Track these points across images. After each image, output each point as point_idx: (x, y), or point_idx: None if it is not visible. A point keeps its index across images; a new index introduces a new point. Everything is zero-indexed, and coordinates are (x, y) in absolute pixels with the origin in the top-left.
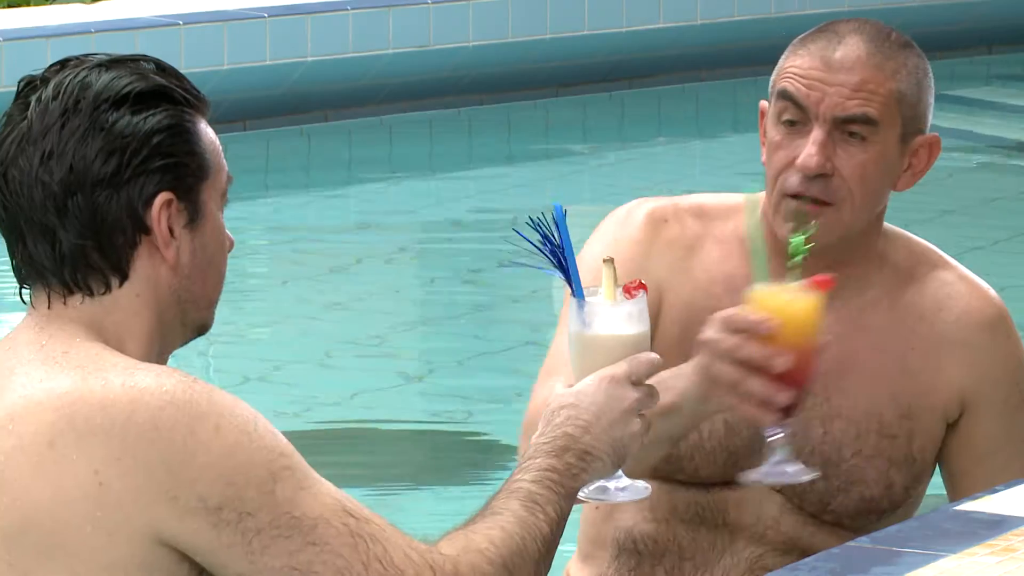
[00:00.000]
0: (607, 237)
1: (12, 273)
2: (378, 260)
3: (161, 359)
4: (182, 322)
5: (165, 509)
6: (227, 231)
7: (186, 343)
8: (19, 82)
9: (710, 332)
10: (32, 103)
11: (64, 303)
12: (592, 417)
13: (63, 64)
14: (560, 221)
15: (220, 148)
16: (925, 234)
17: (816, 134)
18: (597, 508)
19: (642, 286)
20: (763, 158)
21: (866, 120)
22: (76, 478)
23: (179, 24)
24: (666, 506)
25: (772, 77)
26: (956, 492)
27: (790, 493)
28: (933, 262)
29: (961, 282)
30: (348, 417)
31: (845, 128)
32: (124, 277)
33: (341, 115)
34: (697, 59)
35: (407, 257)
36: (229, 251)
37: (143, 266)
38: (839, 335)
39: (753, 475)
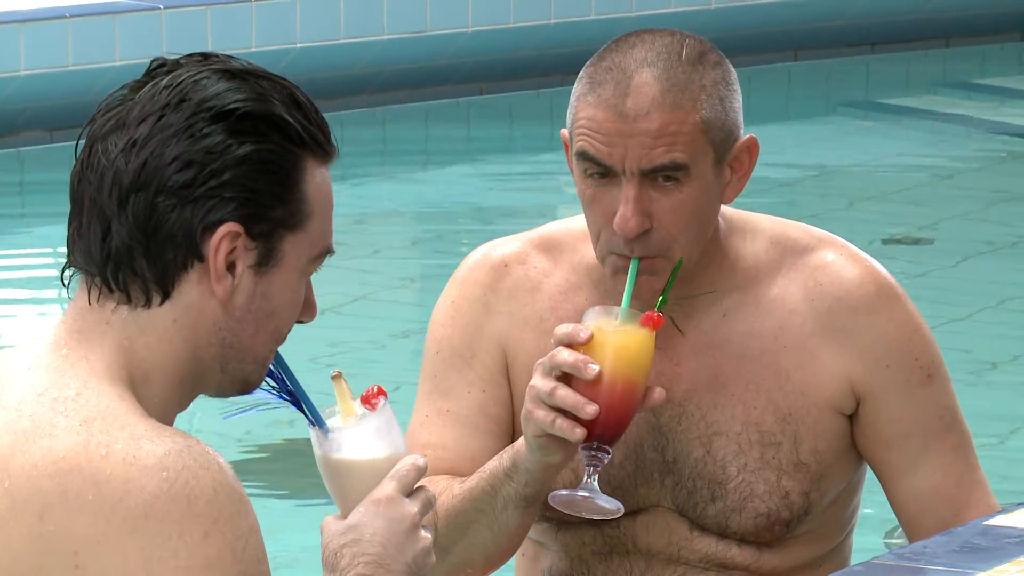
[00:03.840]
0: (447, 301)
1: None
2: (373, 256)
3: (191, 400)
4: (222, 368)
5: None
6: (312, 299)
7: (223, 395)
8: (151, 61)
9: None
10: (148, 86)
11: (102, 306)
12: (380, 548)
13: (204, 56)
14: (277, 356)
15: (328, 210)
16: (955, 230)
17: (627, 190)
18: (523, 555)
19: (381, 392)
20: (578, 191)
21: (675, 167)
22: (57, 557)
23: (159, 8)
24: (575, 542)
25: (568, 116)
26: (883, 481)
27: (692, 515)
28: (803, 248)
29: (835, 264)
30: None
31: (655, 176)
32: (166, 295)
33: (333, 105)
34: None
35: (403, 253)
36: (307, 320)
37: (189, 291)
38: (703, 352)
39: (561, 493)
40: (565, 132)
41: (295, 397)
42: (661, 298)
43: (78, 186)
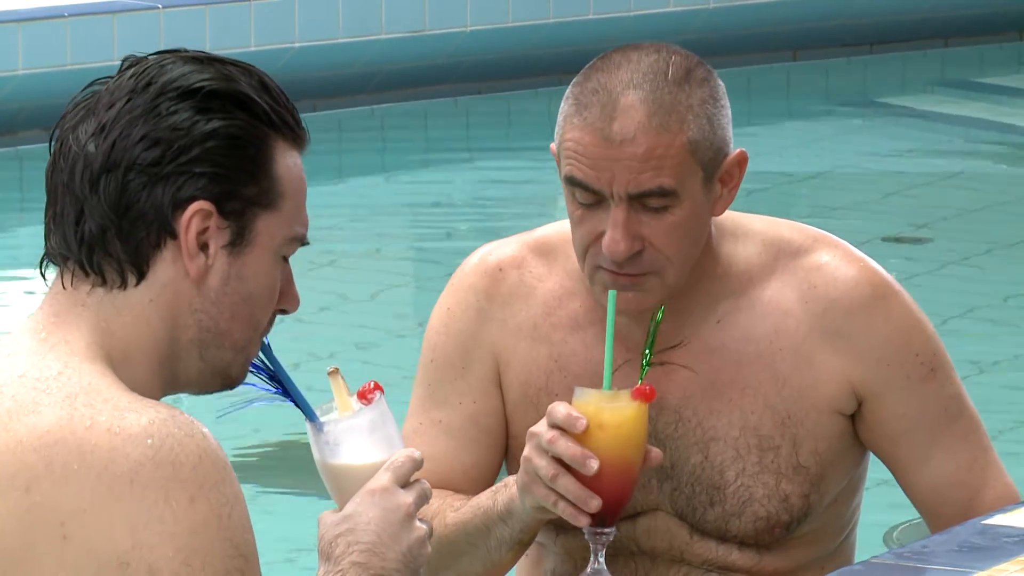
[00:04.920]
0: (443, 308)
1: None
2: (371, 256)
3: (173, 389)
4: (200, 356)
5: (113, 574)
6: (293, 291)
7: (206, 390)
8: (123, 60)
9: (539, 423)
10: (114, 79)
11: (78, 289)
12: (374, 536)
13: (174, 52)
14: (267, 351)
15: (301, 194)
16: (954, 229)
17: (616, 214)
18: (526, 556)
19: (377, 387)
20: (567, 209)
21: (663, 193)
22: (44, 529)
23: (158, 8)
24: (576, 544)
25: (556, 133)
26: (895, 475)
27: (692, 520)
28: (796, 249)
29: (830, 265)
30: None
31: (644, 199)
32: (141, 275)
33: (331, 105)
34: (709, 44)
35: (401, 253)
36: (290, 310)
37: (164, 271)
38: (698, 358)
39: None
40: (554, 147)
41: (288, 392)
42: (645, 361)
43: (51, 177)
